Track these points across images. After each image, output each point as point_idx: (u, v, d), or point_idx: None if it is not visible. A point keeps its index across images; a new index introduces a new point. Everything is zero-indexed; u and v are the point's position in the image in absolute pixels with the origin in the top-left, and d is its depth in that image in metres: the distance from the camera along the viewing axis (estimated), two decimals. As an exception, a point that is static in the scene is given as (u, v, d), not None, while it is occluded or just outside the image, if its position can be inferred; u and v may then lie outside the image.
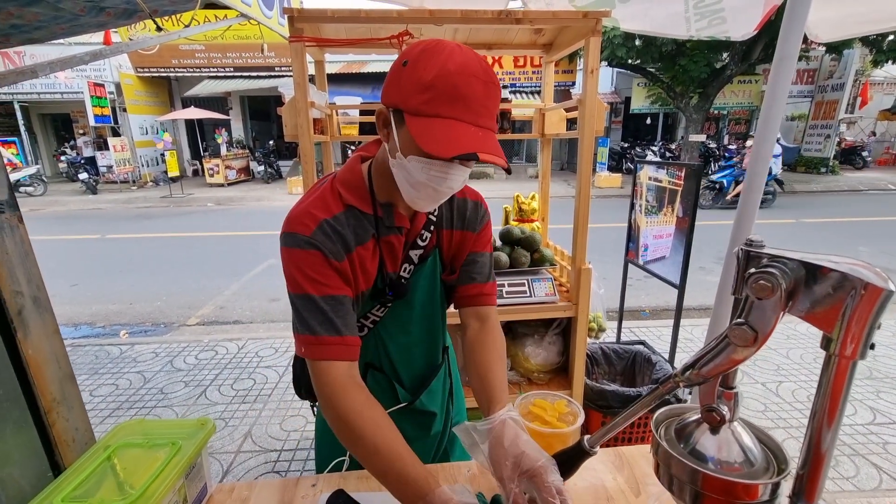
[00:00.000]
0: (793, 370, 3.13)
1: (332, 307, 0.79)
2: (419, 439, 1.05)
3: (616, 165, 14.50)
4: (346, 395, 0.76)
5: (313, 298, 0.78)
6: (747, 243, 0.49)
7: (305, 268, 0.78)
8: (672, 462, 0.57)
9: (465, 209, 0.96)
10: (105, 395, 2.96)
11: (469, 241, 0.97)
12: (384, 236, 0.86)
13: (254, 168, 14.77)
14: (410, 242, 0.91)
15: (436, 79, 0.67)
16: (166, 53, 13.24)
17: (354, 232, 0.82)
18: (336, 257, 0.79)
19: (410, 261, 0.91)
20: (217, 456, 2.38)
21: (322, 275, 0.78)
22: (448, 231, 0.95)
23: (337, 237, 0.80)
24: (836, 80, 14.24)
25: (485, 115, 0.71)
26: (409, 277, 0.92)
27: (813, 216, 8.48)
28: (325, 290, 0.78)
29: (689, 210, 2.53)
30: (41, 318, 0.84)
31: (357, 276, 0.83)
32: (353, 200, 0.83)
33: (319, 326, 0.78)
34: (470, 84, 0.68)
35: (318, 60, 2.07)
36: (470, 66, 0.69)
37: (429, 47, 0.70)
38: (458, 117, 0.69)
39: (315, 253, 0.78)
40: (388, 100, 0.74)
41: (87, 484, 0.77)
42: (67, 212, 10.53)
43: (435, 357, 1.06)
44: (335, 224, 0.80)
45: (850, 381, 0.44)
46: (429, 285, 0.96)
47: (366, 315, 0.93)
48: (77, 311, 4.60)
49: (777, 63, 1.27)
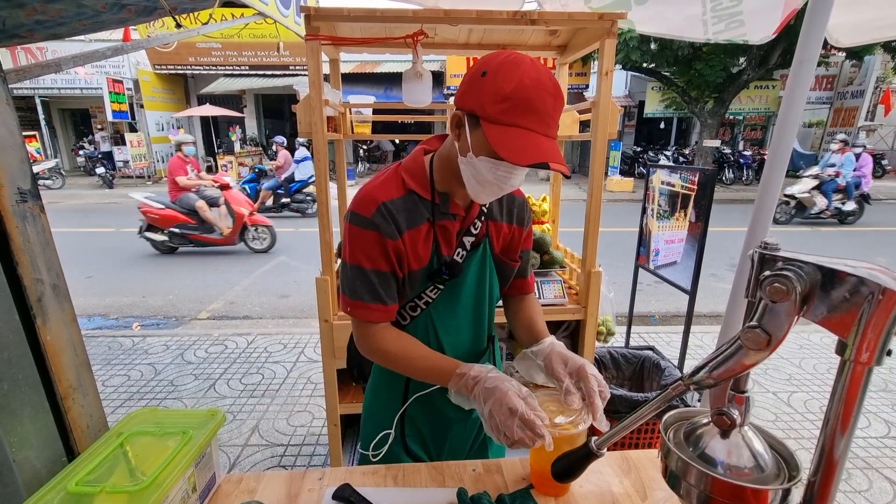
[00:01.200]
0: (805, 380, 3.07)
1: (380, 281, 0.92)
2: (460, 421, 1.11)
3: (628, 170, 14.39)
4: (383, 337, 0.95)
5: (365, 271, 0.91)
6: (762, 246, 0.48)
7: (363, 244, 0.90)
8: (680, 465, 0.56)
9: (514, 205, 1.05)
10: (117, 385, 3.01)
11: (521, 235, 1.07)
12: (439, 221, 0.94)
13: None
14: (464, 230, 0.99)
15: (513, 91, 0.75)
16: (183, 51, 13.43)
17: (409, 215, 0.92)
18: (391, 237, 0.89)
19: (463, 246, 1.00)
20: (225, 448, 2.41)
21: (375, 252, 0.90)
22: (498, 223, 1.04)
23: (392, 219, 0.89)
24: (857, 86, 13.99)
25: (552, 126, 0.80)
26: (462, 262, 1.00)
27: (829, 224, 8.33)
28: (377, 265, 0.91)
29: (702, 215, 2.50)
30: (60, 305, 0.85)
31: (408, 255, 0.93)
32: (414, 186, 0.92)
33: (367, 295, 0.92)
34: (542, 98, 0.76)
35: (332, 59, 2.09)
36: (543, 81, 0.76)
37: (507, 60, 0.77)
38: (531, 128, 0.77)
39: (373, 234, 0.89)
40: (464, 104, 0.82)
41: (101, 469, 0.79)
42: (84, 205, 10.72)
43: (480, 342, 1.11)
44: (392, 207, 0.90)
45: (866, 388, 0.43)
46: (478, 271, 1.03)
47: (420, 295, 1.00)
48: (92, 302, 4.68)
49: (796, 67, 1.26)
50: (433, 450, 1.15)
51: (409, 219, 0.92)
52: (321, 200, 1.68)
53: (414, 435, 1.13)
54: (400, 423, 1.09)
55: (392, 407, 1.08)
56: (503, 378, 0.85)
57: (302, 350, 3.52)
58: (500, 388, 0.81)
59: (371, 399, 1.15)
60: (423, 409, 1.09)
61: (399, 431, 1.10)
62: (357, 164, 14.93)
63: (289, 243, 6.99)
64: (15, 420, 0.76)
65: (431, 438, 1.14)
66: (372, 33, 1.77)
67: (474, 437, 1.18)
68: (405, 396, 1.07)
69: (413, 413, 1.10)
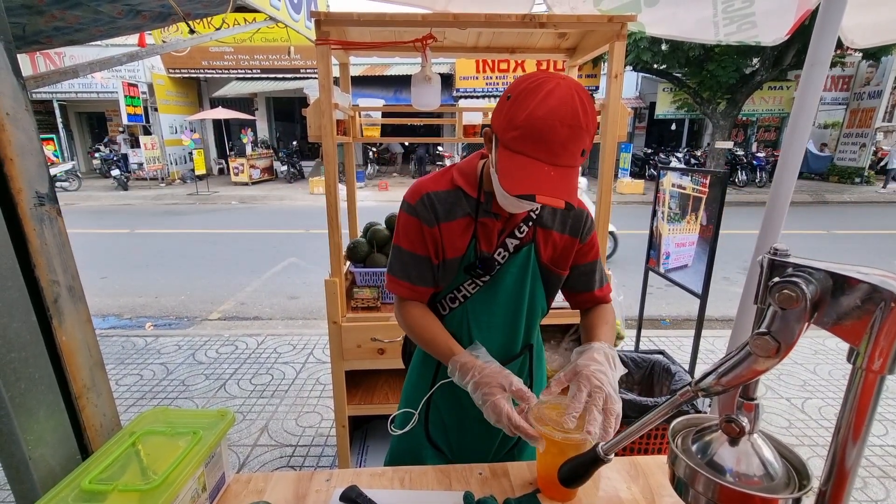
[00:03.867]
0: (820, 386, 3.02)
1: (413, 262, 1.02)
2: (484, 421, 1.06)
3: (639, 172, 14.27)
4: (409, 312, 1.05)
5: (403, 251, 1.02)
6: (772, 252, 0.48)
7: (406, 228, 1.01)
8: (689, 472, 0.56)
9: (569, 216, 1.06)
10: (130, 384, 3.06)
11: (574, 247, 1.07)
12: (482, 217, 1.00)
13: (277, 168, 15.06)
14: (509, 232, 1.02)
15: (524, 121, 0.79)
16: (197, 55, 13.63)
17: (450, 207, 1.00)
18: (429, 224, 0.99)
19: (506, 247, 1.02)
20: (234, 448, 2.44)
21: (414, 235, 1.00)
22: (548, 231, 1.05)
23: (432, 208, 0.99)
24: (874, 87, 13.72)
25: (564, 156, 0.80)
26: (503, 263, 1.03)
27: (845, 227, 8.17)
28: (412, 248, 1.01)
29: (713, 218, 2.48)
30: (75, 306, 0.87)
31: (444, 243, 1.00)
32: (462, 183, 1.00)
33: (400, 272, 1.03)
34: (553, 129, 0.78)
35: (342, 63, 2.11)
36: (558, 112, 0.78)
37: (530, 87, 0.80)
38: (537, 157, 0.80)
39: (414, 220, 1.00)
40: (493, 124, 0.89)
41: (113, 468, 0.80)
42: (100, 207, 10.93)
43: (513, 346, 1.11)
44: (435, 198, 0.99)
45: (878, 397, 0.43)
46: (519, 274, 1.04)
47: (458, 287, 1.06)
48: (106, 302, 4.76)
49: (807, 70, 1.24)
50: (454, 443, 1.16)
51: (450, 210, 0.99)
52: (330, 203, 1.69)
53: (437, 423, 1.16)
54: (425, 409, 1.14)
55: (421, 390, 1.13)
56: (495, 374, 0.90)
57: (311, 351, 3.54)
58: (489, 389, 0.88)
59: (407, 379, 1.22)
60: (448, 399, 1.12)
61: (423, 416, 1.15)
62: (367, 167, 15.01)
63: (302, 244, 7.05)
64: (31, 418, 0.78)
65: (454, 430, 1.16)
66: (381, 37, 1.78)
67: (498, 441, 1.17)
68: (433, 381, 1.11)
69: (438, 400, 1.14)
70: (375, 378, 2.09)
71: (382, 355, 1.80)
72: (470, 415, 1.10)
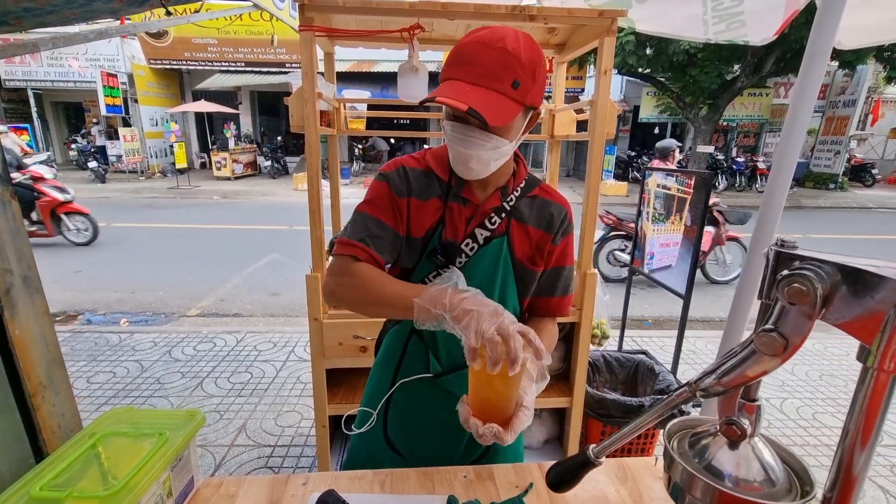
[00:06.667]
0: (798, 387, 3.07)
1: (376, 227, 0.92)
2: (447, 423, 1.00)
3: (622, 174, 14.42)
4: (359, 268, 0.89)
5: (366, 216, 0.93)
6: (779, 243, 0.45)
7: (374, 193, 0.95)
8: (686, 477, 0.53)
9: (548, 211, 0.99)
10: (102, 381, 2.94)
11: (547, 245, 0.99)
12: (450, 201, 0.95)
13: (261, 163, 14.80)
14: (478, 221, 0.96)
15: (454, 49, 0.81)
16: (179, 46, 13.29)
17: (422, 186, 0.95)
18: (398, 193, 0.94)
19: (475, 238, 0.96)
20: (210, 448, 2.36)
21: (381, 202, 0.94)
22: (523, 225, 0.98)
23: (406, 180, 0.95)
24: (849, 95, 14.12)
25: (487, 78, 0.77)
26: (472, 255, 0.96)
27: (820, 231, 8.38)
28: (376, 214, 0.93)
29: (697, 219, 2.49)
30: (30, 298, 0.81)
31: (411, 218, 0.95)
32: (433, 165, 0.96)
33: (355, 236, 0.92)
34: (477, 52, 0.78)
35: (327, 53, 2.05)
36: (486, 38, 0.78)
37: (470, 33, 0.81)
38: (460, 78, 0.79)
39: (384, 185, 0.94)
40: None
41: (70, 472, 0.74)
42: (76, 199, 10.55)
43: None
44: (410, 173, 0.96)
45: (890, 398, 0.40)
46: (489, 269, 0.96)
47: (422, 280, 0.98)
48: (79, 297, 4.59)
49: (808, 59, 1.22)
50: (415, 447, 1.07)
51: (421, 189, 0.95)
52: (312, 195, 1.64)
53: (397, 424, 1.07)
54: (385, 408, 1.06)
55: (382, 387, 1.05)
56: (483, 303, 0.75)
57: (292, 349, 3.46)
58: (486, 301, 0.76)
59: (370, 375, 1.13)
60: (409, 399, 1.05)
61: (383, 416, 1.07)
62: (352, 164, 14.86)
63: (285, 241, 6.93)
64: (-23, 419, 0.72)
65: (415, 433, 1.07)
66: (367, 26, 1.73)
67: (466, 443, 1.07)
68: (394, 379, 1.03)
69: (399, 400, 1.06)
70: (357, 377, 2.04)
71: (364, 353, 1.75)
72: (432, 417, 1.04)
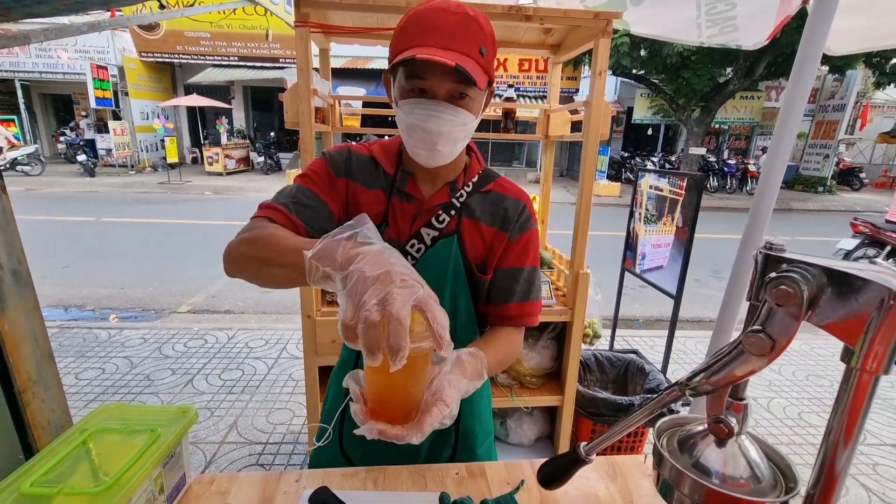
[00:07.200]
0: (784, 386, 3.12)
1: (303, 195, 0.84)
2: None
3: (615, 175, 14.52)
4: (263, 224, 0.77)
5: (296, 185, 0.86)
6: (767, 246, 0.46)
7: (312, 167, 0.88)
8: (674, 474, 0.54)
9: (502, 206, 0.90)
10: (91, 378, 2.91)
11: (502, 244, 0.90)
12: (393, 197, 0.89)
13: (253, 159, 14.69)
14: (425, 220, 0.87)
15: (408, 19, 0.75)
16: (171, 39, 13.15)
17: (364, 173, 0.89)
18: (336, 171, 0.87)
19: (421, 239, 0.87)
20: (201, 446, 2.34)
21: (316, 177, 0.87)
22: (476, 223, 0.88)
23: (346, 161, 0.89)
24: (838, 100, 14.33)
25: (458, 41, 0.72)
26: (418, 257, 0.87)
27: (808, 234, 8.51)
28: (309, 185, 0.85)
29: (689, 220, 2.52)
30: (20, 292, 0.80)
31: (350, 202, 0.89)
32: (379, 156, 0.90)
33: (279, 200, 0.82)
34: (439, 16, 0.72)
35: (322, 49, 2.04)
36: (442, 3, 0.73)
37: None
38: (426, 43, 0.71)
39: (322, 160, 0.89)
40: (389, 62, 0.79)
41: (60, 468, 0.73)
42: (64, 193, 10.41)
43: None
44: (353, 154, 0.90)
45: (871, 398, 0.41)
46: (438, 272, 0.87)
47: None
48: (68, 293, 4.54)
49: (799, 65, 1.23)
50: (372, 459, 0.96)
51: (364, 176, 0.89)
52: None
53: (352, 436, 0.97)
54: (340, 420, 0.98)
55: (338, 399, 0.98)
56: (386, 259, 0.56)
57: (284, 346, 3.45)
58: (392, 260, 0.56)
59: (327, 388, 1.05)
60: None
61: (338, 428, 1.00)
62: (346, 161, 14.79)
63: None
64: (-34, 415, 0.71)
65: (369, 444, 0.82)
66: (364, 23, 1.73)
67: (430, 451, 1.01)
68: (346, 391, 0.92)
69: None
70: (350, 374, 2.04)
71: (358, 351, 1.75)
72: None
